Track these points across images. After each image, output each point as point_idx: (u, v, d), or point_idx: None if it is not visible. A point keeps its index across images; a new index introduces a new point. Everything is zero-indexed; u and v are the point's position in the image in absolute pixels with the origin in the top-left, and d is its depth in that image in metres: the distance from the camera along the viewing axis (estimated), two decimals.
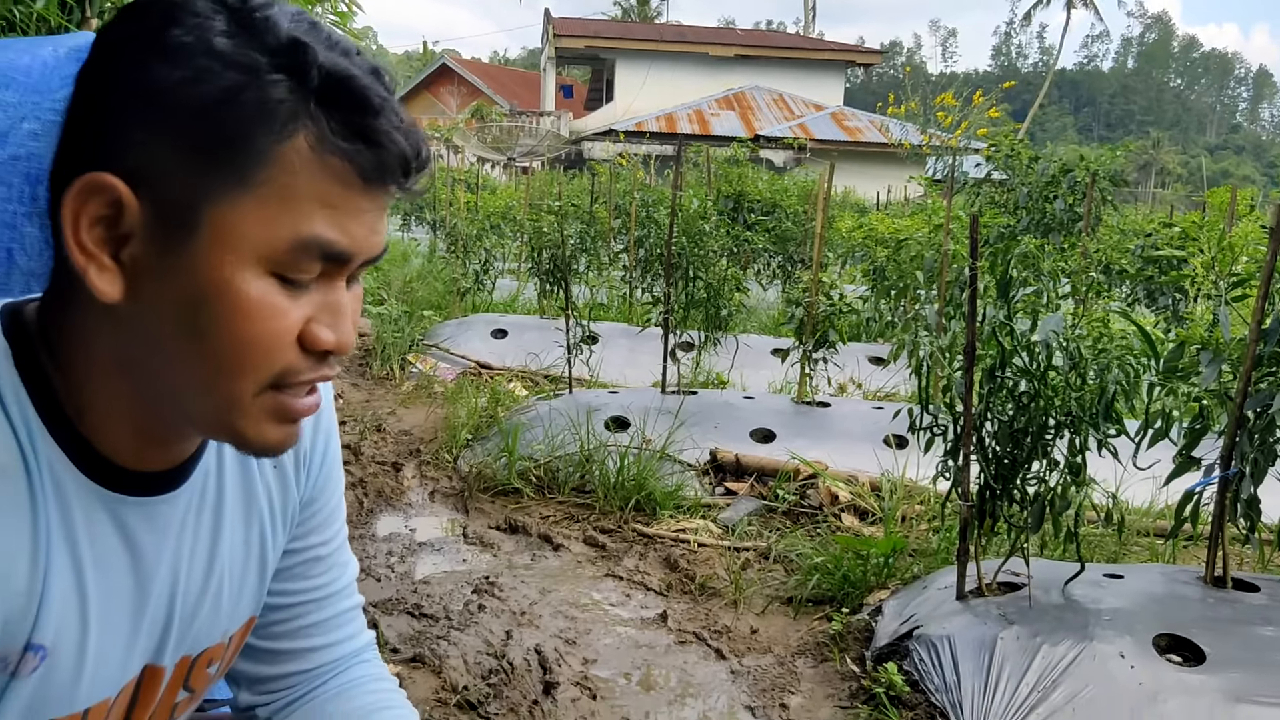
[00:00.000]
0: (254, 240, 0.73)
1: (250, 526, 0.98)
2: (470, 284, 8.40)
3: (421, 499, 4.35)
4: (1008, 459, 2.83)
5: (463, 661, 2.81)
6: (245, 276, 0.74)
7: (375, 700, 1.10)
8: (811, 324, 5.07)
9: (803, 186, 11.30)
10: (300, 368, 0.78)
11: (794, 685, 2.83)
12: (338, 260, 0.77)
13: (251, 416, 0.79)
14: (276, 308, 0.75)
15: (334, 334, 0.79)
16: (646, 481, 4.18)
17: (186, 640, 0.94)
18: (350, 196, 0.76)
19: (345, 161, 0.74)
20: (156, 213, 0.73)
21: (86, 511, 0.81)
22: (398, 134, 0.76)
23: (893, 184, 20.13)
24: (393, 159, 0.76)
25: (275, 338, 0.76)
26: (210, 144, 0.72)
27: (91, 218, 0.74)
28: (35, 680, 0.79)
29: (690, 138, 24.49)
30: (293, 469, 1.02)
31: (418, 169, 0.79)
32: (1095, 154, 8.42)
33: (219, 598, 0.96)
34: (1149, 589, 2.79)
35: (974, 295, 2.85)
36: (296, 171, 0.73)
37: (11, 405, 0.76)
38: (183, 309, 0.74)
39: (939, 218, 5.88)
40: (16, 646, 0.77)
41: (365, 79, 0.75)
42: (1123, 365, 2.69)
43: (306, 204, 0.74)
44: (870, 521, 4.01)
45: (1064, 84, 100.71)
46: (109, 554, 0.83)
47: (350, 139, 0.74)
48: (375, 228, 0.80)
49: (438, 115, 34.77)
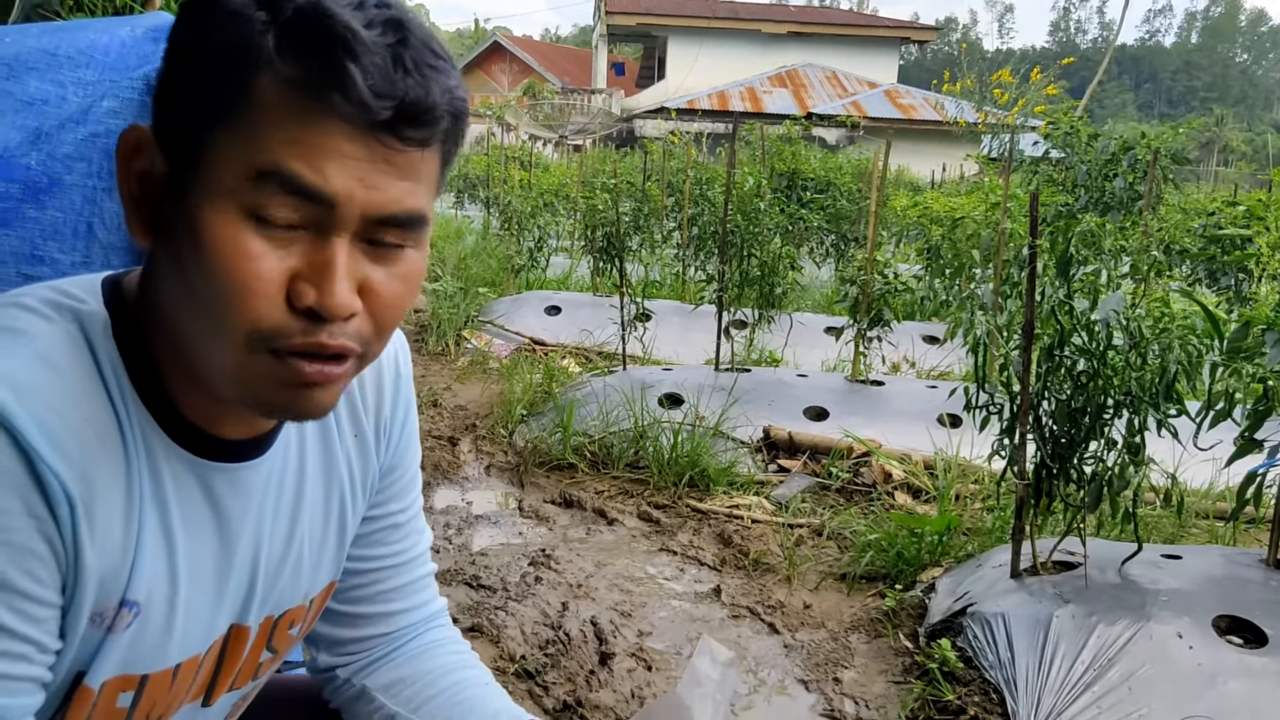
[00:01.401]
0: (223, 176, 0.73)
1: (331, 494, 1.01)
2: (524, 261, 8.45)
3: (478, 473, 4.42)
4: (1065, 438, 2.82)
5: (520, 632, 2.87)
6: (216, 214, 0.73)
7: (452, 661, 1.14)
8: (866, 302, 5.05)
9: (857, 165, 11.21)
10: (290, 329, 0.75)
11: (847, 660, 2.85)
12: (312, 200, 0.74)
13: (251, 377, 0.78)
14: (245, 250, 0.73)
15: (316, 291, 0.75)
16: (700, 458, 4.21)
17: (270, 601, 0.97)
18: (325, 137, 0.73)
19: (308, 99, 0.72)
20: (172, 162, 0.77)
21: (175, 476, 0.84)
22: (375, 75, 0.72)
23: (947, 162, 19.86)
24: (355, 99, 0.72)
25: (245, 283, 0.73)
26: (198, 87, 0.75)
27: (139, 170, 0.79)
28: (130, 636, 0.83)
29: (743, 115, 24.34)
30: (373, 438, 1.05)
31: (405, 118, 0.74)
32: (1156, 131, 8.25)
33: (300, 562, 0.99)
34: (1208, 570, 2.76)
35: (1033, 274, 2.83)
36: (265, 106, 0.73)
37: (108, 374, 0.80)
38: (181, 256, 0.77)
39: (995, 196, 5.82)
40: (112, 602, 0.81)
41: (343, 16, 0.72)
42: (1184, 345, 2.66)
43: (272, 139, 0.73)
44: (924, 500, 4.01)
45: (1124, 60, 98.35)
46: (196, 516, 0.87)
47: (312, 75, 0.72)
48: (372, 180, 0.75)
49: (490, 93, 34.88)
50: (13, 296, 0.82)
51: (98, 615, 0.80)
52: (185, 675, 0.91)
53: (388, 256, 0.79)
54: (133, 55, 1.33)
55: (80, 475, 0.75)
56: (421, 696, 1.09)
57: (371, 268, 0.78)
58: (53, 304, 0.81)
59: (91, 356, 0.80)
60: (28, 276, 1.19)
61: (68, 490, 0.74)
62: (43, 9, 2.36)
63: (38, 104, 1.23)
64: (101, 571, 0.79)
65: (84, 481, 0.76)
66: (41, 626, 0.76)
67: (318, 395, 0.80)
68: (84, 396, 0.78)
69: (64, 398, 0.76)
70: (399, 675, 1.11)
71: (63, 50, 1.27)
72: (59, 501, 0.74)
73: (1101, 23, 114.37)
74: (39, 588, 0.74)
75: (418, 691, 1.09)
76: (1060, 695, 2.34)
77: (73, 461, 0.75)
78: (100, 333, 0.81)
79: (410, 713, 1.08)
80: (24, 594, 0.74)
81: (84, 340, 0.80)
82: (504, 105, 27.36)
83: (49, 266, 1.19)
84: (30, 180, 1.19)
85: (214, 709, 0.99)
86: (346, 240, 0.76)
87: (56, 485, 0.73)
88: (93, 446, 0.77)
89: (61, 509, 0.74)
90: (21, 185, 1.18)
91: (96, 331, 0.81)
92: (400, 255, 0.80)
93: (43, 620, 0.76)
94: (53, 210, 1.20)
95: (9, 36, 1.27)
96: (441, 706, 1.08)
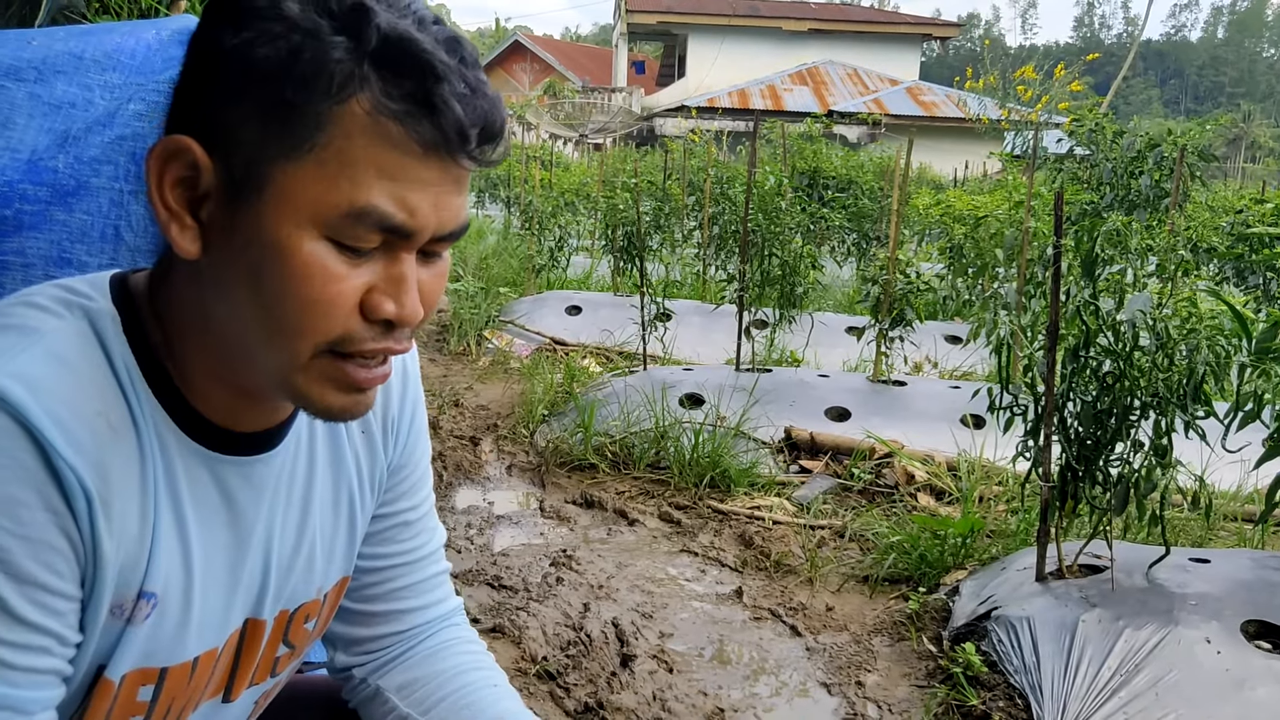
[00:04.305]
0: (310, 204, 0.74)
1: (340, 490, 1.03)
2: (545, 261, 8.46)
3: (499, 473, 4.42)
4: (1090, 440, 2.79)
5: (542, 633, 2.87)
6: (301, 239, 0.75)
7: (467, 661, 1.14)
8: (888, 302, 5.03)
9: (878, 163, 11.17)
10: (362, 336, 0.79)
11: (870, 663, 2.84)
12: (396, 233, 0.77)
13: (311, 378, 0.80)
14: (331, 273, 0.76)
15: (395, 304, 0.79)
16: (721, 458, 4.20)
17: (284, 595, 0.99)
18: (410, 165, 0.75)
19: (401, 127, 0.74)
20: (228, 173, 0.77)
21: (188, 468, 0.86)
22: (460, 101, 0.74)
23: (970, 160, 19.75)
24: (450, 126, 0.74)
25: (329, 302, 0.76)
26: (271, 106, 0.74)
27: (174, 178, 0.78)
28: (148, 627, 0.84)
29: (763, 113, 24.29)
30: (380, 436, 1.06)
31: (483, 139, 0.77)
32: (1183, 127, 8.18)
33: (312, 557, 1.00)
34: (1237, 574, 2.73)
35: (1058, 273, 2.80)
36: (352, 136, 0.73)
37: (120, 369, 0.81)
38: (249, 267, 0.77)
39: (1019, 194, 5.78)
40: (131, 594, 0.82)
41: (426, 43, 0.74)
42: (1212, 345, 2.63)
43: (363, 171, 0.74)
44: (947, 501, 3.98)
45: (1149, 55, 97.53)
46: (209, 509, 0.88)
47: (406, 103, 0.74)
48: (443, 202, 0.78)
49: (511, 92, 34.95)
50: (23, 295, 0.83)
51: (117, 607, 0.82)
52: (204, 669, 0.92)
53: (431, 260, 0.83)
54: (159, 58, 1.33)
55: (96, 468, 0.76)
56: (432, 699, 1.09)
57: (422, 272, 0.82)
58: (63, 301, 0.82)
59: (103, 352, 0.81)
60: (56, 279, 1.19)
61: (84, 484, 0.75)
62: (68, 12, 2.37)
63: (65, 107, 1.23)
64: (119, 563, 0.80)
65: (99, 474, 0.77)
66: (62, 619, 0.77)
67: (369, 397, 0.85)
68: (97, 391, 0.79)
69: (77, 393, 0.77)
70: (412, 676, 1.12)
71: (89, 54, 1.28)
72: (76, 495, 0.75)
73: (1126, 18, 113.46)
74: (59, 581, 0.76)
75: (429, 693, 1.10)
76: (1086, 701, 2.31)
77: (87, 455, 0.76)
78: (110, 329, 0.82)
79: (420, 715, 1.08)
80: (44, 587, 0.75)
81: (95, 336, 0.81)
82: (525, 104, 27.41)
83: (77, 269, 1.19)
84: (58, 183, 1.19)
85: (236, 705, 1.00)
86: (414, 255, 0.80)
87: (73, 479, 0.75)
88: (107, 440, 0.78)
89: (79, 503, 0.75)
90: (49, 188, 1.19)
91: (106, 327, 0.82)
92: (440, 256, 0.84)
93: (63, 613, 0.77)
94: (80, 213, 1.21)
95: (36, 40, 1.28)
96: (450, 709, 1.08)
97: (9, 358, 0.75)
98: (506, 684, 1.14)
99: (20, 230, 1.18)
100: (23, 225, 1.18)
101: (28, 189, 1.18)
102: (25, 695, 0.75)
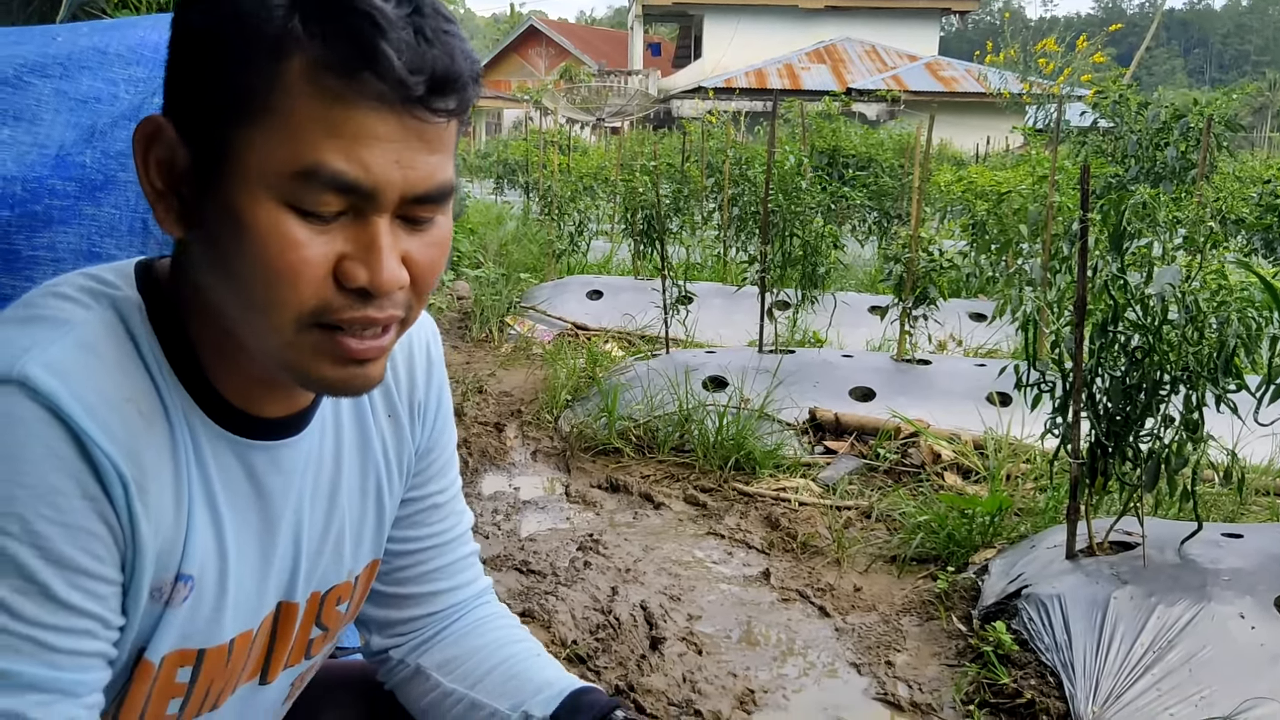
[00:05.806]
0: (262, 169, 0.74)
1: (367, 472, 1.03)
2: (565, 246, 8.46)
3: (524, 459, 4.44)
4: (1120, 415, 2.77)
5: (571, 617, 2.88)
6: (258, 207, 0.74)
7: (503, 635, 1.16)
8: (911, 280, 5.00)
9: (898, 140, 11.08)
10: (339, 305, 0.77)
11: (899, 643, 2.83)
12: (353, 192, 0.74)
13: (304, 353, 0.79)
14: (290, 239, 0.74)
15: (367, 271, 0.76)
16: (746, 441, 4.20)
17: (315, 577, 1.00)
18: (359, 120, 0.73)
19: (341, 81, 0.72)
20: (196, 150, 0.77)
21: (217, 454, 0.87)
22: (403, 50, 0.72)
23: (992, 135, 19.57)
24: (390, 77, 0.72)
25: (294, 271, 0.75)
26: (219, 74, 0.75)
27: (157, 159, 0.79)
28: (186, 609, 0.86)
29: (781, 93, 24.15)
30: (408, 420, 1.06)
31: (432, 89, 0.74)
32: (1209, 97, 8.06)
33: (341, 539, 1.01)
34: (1271, 548, 2.71)
35: (1084, 248, 2.77)
36: (296, 95, 0.72)
37: (148, 357, 0.82)
38: (222, 242, 0.77)
39: (1043, 169, 5.72)
40: (169, 576, 0.84)
41: None
42: (1243, 318, 2.60)
43: (311, 130, 0.72)
44: (974, 480, 3.97)
45: (1172, 24, 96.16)
46: (239, 494, 0.89)
47: (344, 56, 0.72)
48: (407, 159, 0.75)
49: (527, 77, 34.90)
50: (50, 286, 0.84)
51: (156, 590, 0.83)
52: (240, 651, 0.93)
53: (421, 227, 0.81)
54: None
55: (129, 455, 0.78)
56: (479, 672, 1.10)
57: (409, 239, 0.80)
58: (89, 291, 0.83)
59: (130, 341, 0.82)
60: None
61: (120, 470, 0.77)
62: (89, 7, 2.38)
63: (91, 102, 1.24)
64: (157, 547, 0.82)
65: (133, 461, 0.78)
66: (105, 603, 0.78)
67: (369, 369, 0.83)
68: (126, 379, 0.80)
69: (108, 381, 0.78)
70: (453, 654, 1.13)
71: (113, 48, 1.28)
72: (112, 482, 0.76)
73: None
74: (99, 565, 0.77)
75: (474, 667, 1.11)
76: (1119, 678, 2.30)
77: (120, 442, 0.77)
78: (137, 317, 0.83)
79: (468, 689, 1.09)
80: (86, 572, 0.76)
81: (122, 325, 0.82)
82: (541, 89, 27.35)
83: (106, 263, 1.20)
84: (86, 178, 1.20)
85: (272, 687, 1.02)
86: (387, 219, 0.77)
87: (109, 465, 0.76)
88: (139, 427, 0.79)
89: (115, 489, 0.77)
90: (78, 183, 1.20)
91: (133, 316, 0.83)
92: (432, 224, 0.82)
93: (105, 597, 0.78)
94: (109, 207, 1.22)
95: (61, 36, 1.28)
96: (498, 680, 1.09)
97: (41, 349, 0.76)
98: (547, 654, 1.15)
99: (50, 225, 1.19)
100: (52, 220, 1.19)
101: (56, 184, 1.19)
102: (72, 678, 0.76)
